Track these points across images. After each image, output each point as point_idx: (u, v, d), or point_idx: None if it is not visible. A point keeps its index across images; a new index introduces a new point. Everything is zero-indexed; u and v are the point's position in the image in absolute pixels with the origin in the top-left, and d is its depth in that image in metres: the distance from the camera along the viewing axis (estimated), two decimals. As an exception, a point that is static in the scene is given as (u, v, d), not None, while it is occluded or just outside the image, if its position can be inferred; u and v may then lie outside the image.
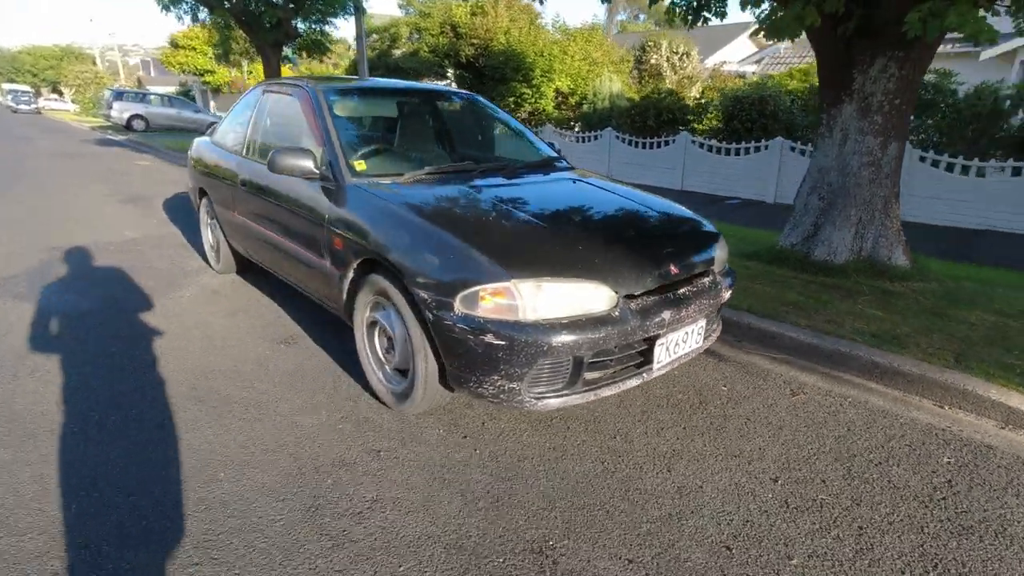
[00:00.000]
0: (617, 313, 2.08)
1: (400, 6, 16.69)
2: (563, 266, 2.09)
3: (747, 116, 10.12)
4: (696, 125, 11.54)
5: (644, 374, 2.25)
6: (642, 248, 2.33)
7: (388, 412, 2.47)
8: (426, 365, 2.21)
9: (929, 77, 8.70)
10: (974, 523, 1.86)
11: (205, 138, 4.37)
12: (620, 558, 1.69)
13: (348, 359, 2.92)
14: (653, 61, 18.24)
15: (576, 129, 13.42)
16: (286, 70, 14.10)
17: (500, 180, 2.88)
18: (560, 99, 14.69)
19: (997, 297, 3.85)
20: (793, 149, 8.96)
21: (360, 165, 2.73)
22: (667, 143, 10.59)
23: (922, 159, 7.80)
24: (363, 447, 2.22)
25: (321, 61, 17.48)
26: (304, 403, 2.53)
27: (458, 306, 2.01)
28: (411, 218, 2.29)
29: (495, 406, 2.47)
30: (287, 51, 13.38)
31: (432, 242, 2.15)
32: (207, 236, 4.43)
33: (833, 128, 4.18)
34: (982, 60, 13.54)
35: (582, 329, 2.00)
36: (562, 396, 2.08)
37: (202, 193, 4.30)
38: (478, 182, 2.77)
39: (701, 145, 10.09)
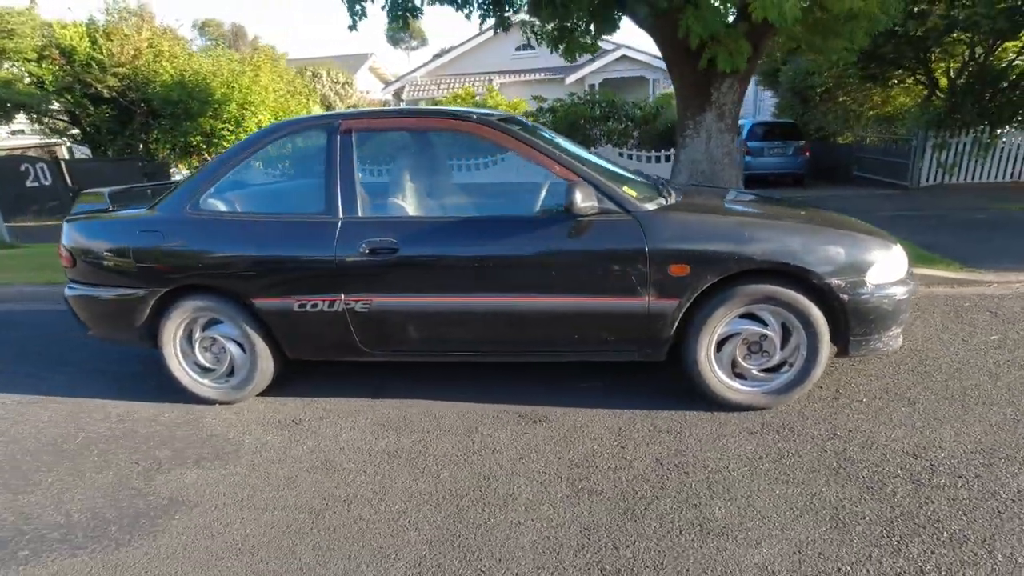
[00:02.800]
0: (902, 260, 2.86)
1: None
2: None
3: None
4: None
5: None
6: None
7: (758, 418, 2.58)
8: (826, 345, 2.50)
9: (600, 97, 11.85)
10: (1029, 324, 3.42)
11: (152, 209, 2.82)
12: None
13: (632, 401, 2.77)
14: (319, 90, 17.98)
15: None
16: None
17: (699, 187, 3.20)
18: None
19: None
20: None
21: (631, 191, 2.62)
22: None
23: (620, 154, 10.70)
24: (826, 458, 2.37)
25: None
26: (700, 445, 2.39)
27: (870, 279, 2.43)
28: (778, 223, 2.52)
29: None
30: None
31: (822, 239, 2.47)
32: (195, 358, 2.92)
33: (699, 130, 5.70)
34: (567, 83, 18.67)
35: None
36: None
37: (176, 295, 2.81)
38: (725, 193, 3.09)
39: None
